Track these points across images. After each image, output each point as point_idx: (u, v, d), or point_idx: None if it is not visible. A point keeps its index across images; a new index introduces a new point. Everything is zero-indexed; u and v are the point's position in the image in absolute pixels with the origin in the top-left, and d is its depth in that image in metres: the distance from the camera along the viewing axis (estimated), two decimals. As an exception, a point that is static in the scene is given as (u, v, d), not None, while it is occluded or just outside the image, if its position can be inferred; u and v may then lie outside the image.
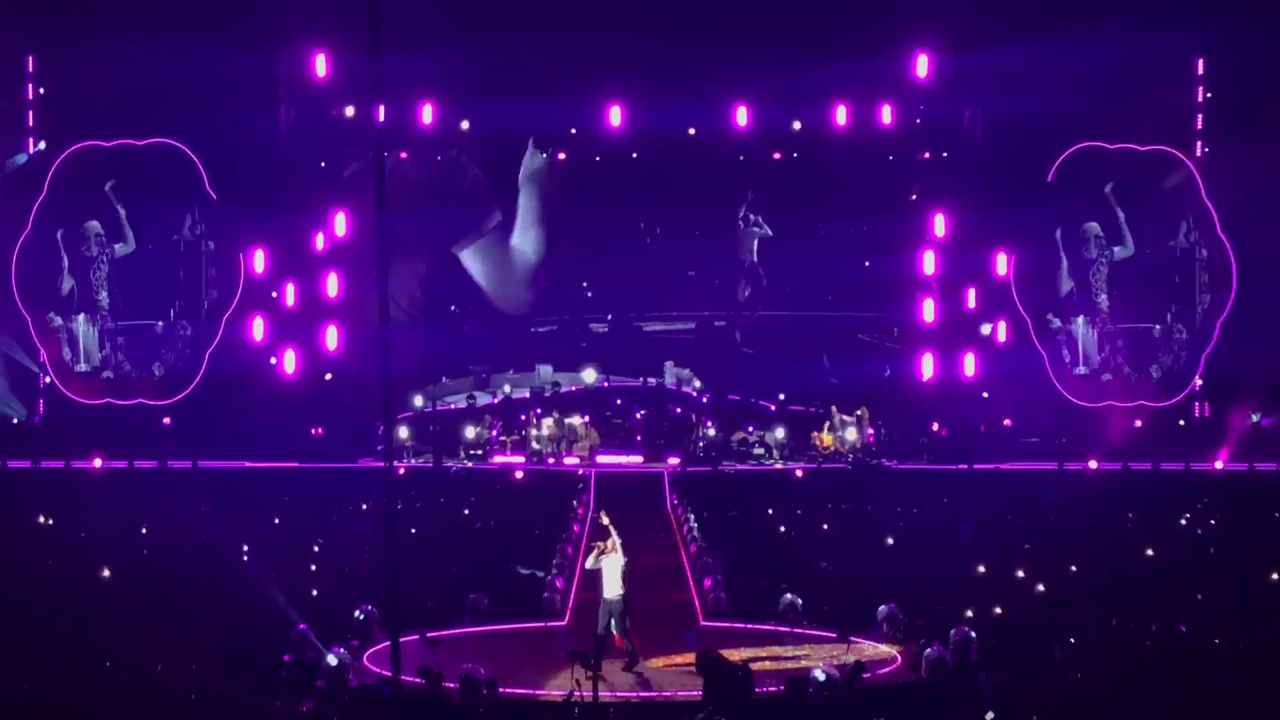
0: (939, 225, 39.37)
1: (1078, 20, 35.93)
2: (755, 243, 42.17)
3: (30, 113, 39.83)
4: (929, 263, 39.45)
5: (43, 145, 39.75)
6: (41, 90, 39.76)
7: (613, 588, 21.12)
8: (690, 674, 20.03)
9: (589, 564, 21.64)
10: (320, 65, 38.38)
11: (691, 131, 40.03)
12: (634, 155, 40.69)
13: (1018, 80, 37.00)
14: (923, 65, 38.65)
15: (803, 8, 37.41)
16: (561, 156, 41.48)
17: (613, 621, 21.03)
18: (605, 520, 21.84)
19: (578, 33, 37.34)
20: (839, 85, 38.57)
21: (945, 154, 40.05)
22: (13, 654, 19.04)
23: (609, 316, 42.66)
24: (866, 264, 40.45)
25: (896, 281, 40.01)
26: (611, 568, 21.19)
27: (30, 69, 39.65)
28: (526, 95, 38.26)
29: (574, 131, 40.58)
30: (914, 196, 40.49)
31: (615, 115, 39.36)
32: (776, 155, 40.90)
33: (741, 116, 39.30)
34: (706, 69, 38.09)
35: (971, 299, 39.33)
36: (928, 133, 39.99)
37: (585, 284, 42.71)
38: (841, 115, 39.30)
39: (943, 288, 39.54)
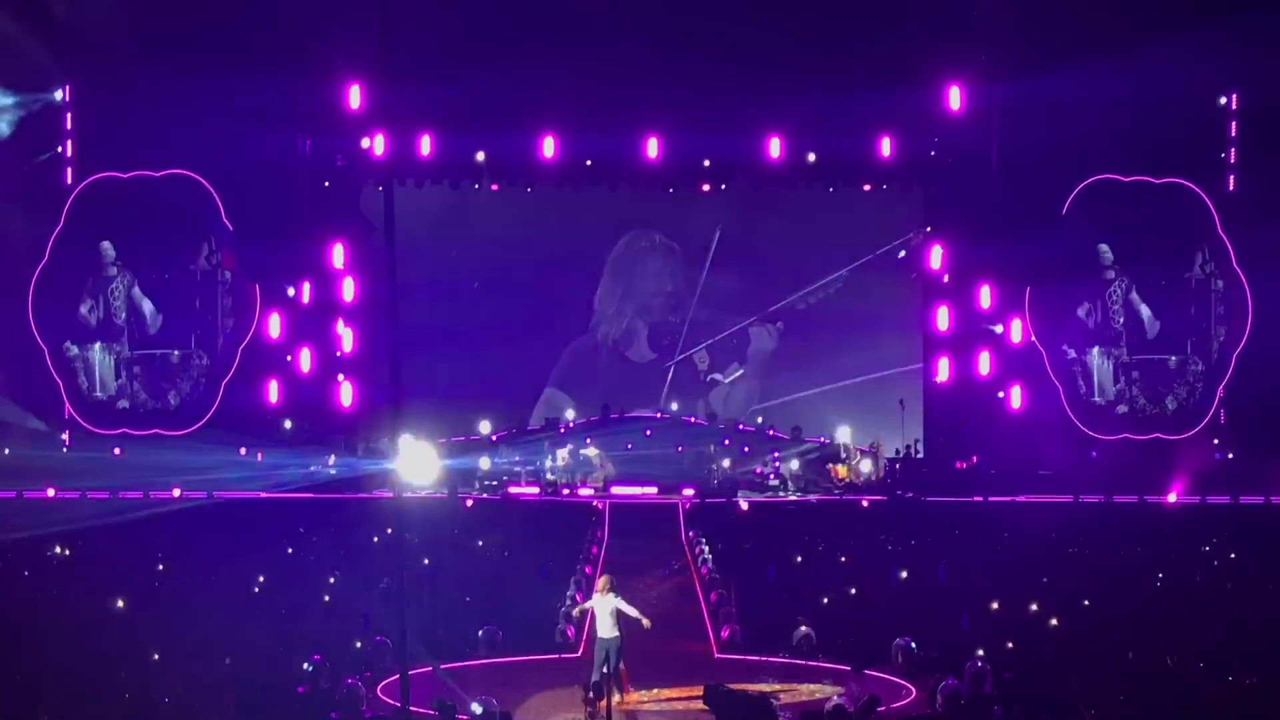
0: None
1: (1099, 55, 35.92)
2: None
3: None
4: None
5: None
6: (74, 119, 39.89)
7: (605, 629, 21.37)
8: (703, 710, 20.00)
9: (575, 611, 22.11)
10: (339, 96, 38.48)
11: (706, 163, 40.09)
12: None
13: (1036, 112, 37.03)
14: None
15: (828, 38, 37.32)
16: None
17: (610, 658, 21.14)
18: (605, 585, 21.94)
19: (607, 62, 37.29)
20: (861, 117, 38.55)
21: (960, 185, 39.97)
22: (27, 685, 19.03)
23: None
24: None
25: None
26: (602, 609, 21.45)
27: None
28: (558, 125, 38.47)
29: (589, 164, 40.58)
30: (928, 229, 40.55)
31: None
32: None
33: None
34: (737, 100, 38.08)
35: (985, 300, 39.36)
36: (942, 163, 40.03)
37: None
38: (864, 146, 39.43)
39: (954, 298, 39.62)
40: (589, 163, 40.12)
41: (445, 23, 35.91)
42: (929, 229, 40.51)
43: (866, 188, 40.91)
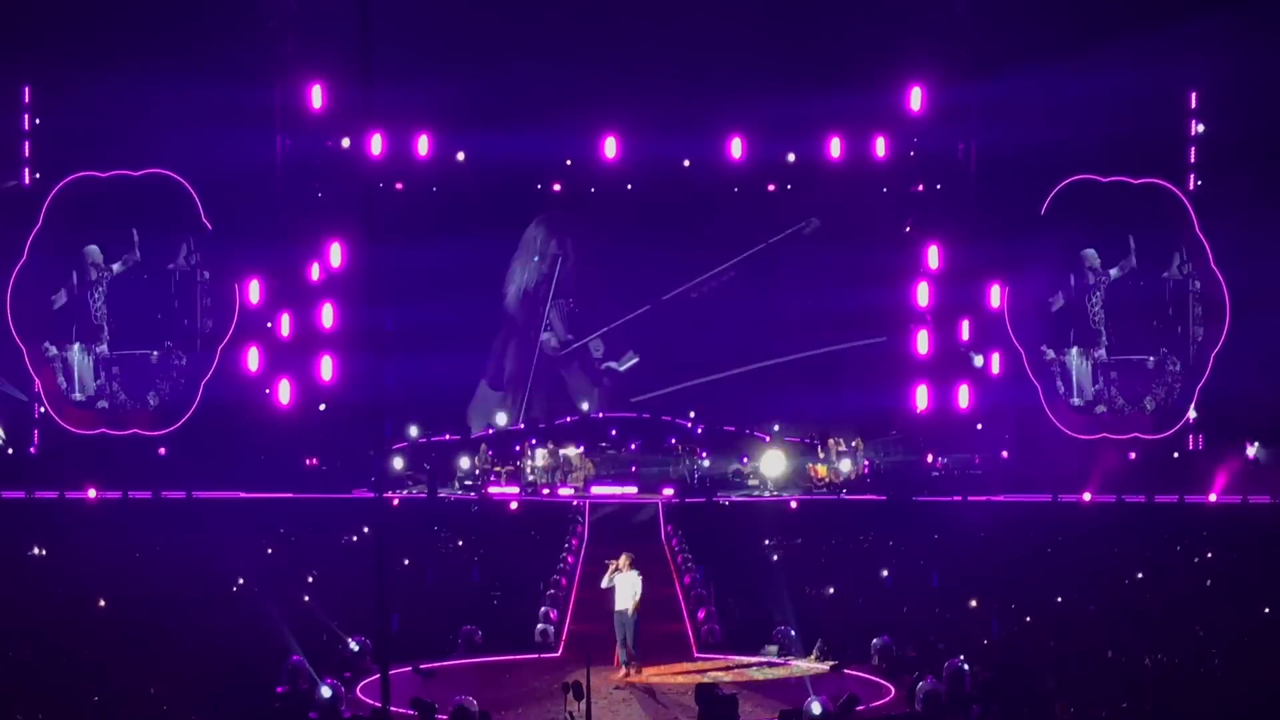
0: (933, 257, 39.57)
1: (1071, 55, 36.08)
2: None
3: (26, 144, 39.87)
4: (923, 294, 39.63)
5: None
6: (37, 121, 39.83)
7: (623, 602, 22.45)
8: (682, 700, 20.11)
9: (604, 582, 22.83)
10: (316, 96, 38.60)
11: (686, 163, 40.12)
12: (629, 186, 40.69)
13: (1011, 113, 37.17)
14: (916, 98, 38.86)
15: (797, 40, 37.51)
16: (556, 188, 41.32)
17: (628, 631, 22.27)
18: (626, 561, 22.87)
19: (574, 64, 37.40)
20: (833, 117, 38.75)
21: (939, 186, 40.17)
22: (5, 685, 18.99)
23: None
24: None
25: (890, 312, 40.07)
26: (624, 585, 22.50)
27: (26, 100, 39.72)
28: (522, 127, 38.38)
29: (569, 163, 40.55)
30: (908, 228, 40.62)
31: (610, 147, 39.49)
32: (771, 187, 40.87)
33: (736, 148, 39.45)
34: (702, 101, 38.20)
35: (965, 331, 39.54)
36: (922, 165, 40.14)
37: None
38: (836, 148, 39.54)
39: (937, 319, 39.68)
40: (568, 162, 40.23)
41: (408, 27, 35.79)
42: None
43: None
